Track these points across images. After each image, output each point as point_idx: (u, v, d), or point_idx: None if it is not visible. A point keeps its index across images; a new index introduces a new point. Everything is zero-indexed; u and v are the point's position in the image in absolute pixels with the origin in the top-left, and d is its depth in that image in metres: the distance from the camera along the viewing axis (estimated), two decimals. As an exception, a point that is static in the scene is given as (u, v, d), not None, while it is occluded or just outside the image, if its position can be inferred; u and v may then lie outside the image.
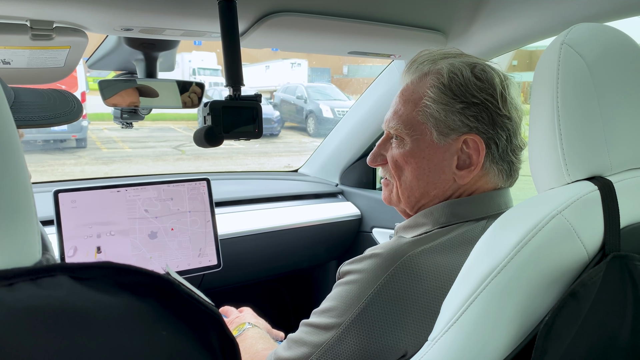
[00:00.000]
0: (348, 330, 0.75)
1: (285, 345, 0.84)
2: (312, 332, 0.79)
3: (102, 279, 0.32)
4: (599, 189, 0.59)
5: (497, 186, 0.86)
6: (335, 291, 0.80)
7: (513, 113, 0.84)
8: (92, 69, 1.35)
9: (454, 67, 0.84)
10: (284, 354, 0.82)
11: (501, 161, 0.85)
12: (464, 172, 0.83)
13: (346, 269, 0.81)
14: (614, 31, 0.65)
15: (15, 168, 0.32)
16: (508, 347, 0.55)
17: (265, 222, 1.71)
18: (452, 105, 0.82)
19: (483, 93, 0.82)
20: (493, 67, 0.86)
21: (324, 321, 0.78)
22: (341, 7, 1.10)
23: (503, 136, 0.83)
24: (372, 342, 0.74)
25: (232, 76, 0.93)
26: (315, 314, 0.82)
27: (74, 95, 0.88)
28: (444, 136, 0.83)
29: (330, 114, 11.72)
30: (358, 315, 0.75)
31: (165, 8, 0.97)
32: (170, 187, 1.42)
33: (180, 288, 0.34)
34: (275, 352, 0.84)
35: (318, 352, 0.77)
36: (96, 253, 1.30)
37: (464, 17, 1.26)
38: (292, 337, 0.83)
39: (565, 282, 0.56)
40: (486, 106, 0.82)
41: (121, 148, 10.18)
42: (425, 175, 0.86)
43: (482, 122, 0.82)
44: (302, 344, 0.79)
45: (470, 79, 0.82)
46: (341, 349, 0.75)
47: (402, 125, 0.87)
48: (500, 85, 0.83)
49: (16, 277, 0.29)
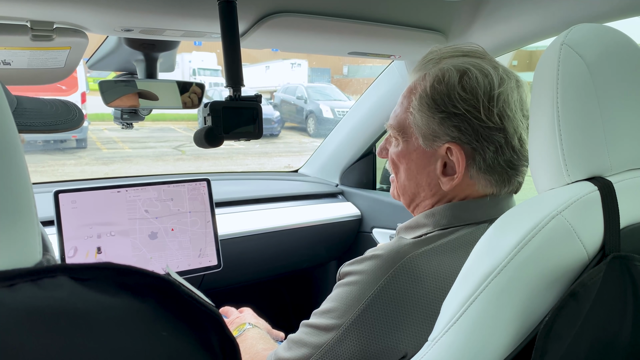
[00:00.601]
0: (348, 331, 0.75)
1: (285, 345, 0.84)
2: (312, 333, 0.79)
3: (103, 279, 0.32)
4: (599, 190, 0.59)
5: (490, 194, 0.84)
6: (336, 292, 0.80)
7: (507, 124, 0.80)
8: (93, 69, 1.36)
9: (444, 72, 0.81)
10: (284, 354, 0.82)
11: (491, 172, 0.82)
12: (446, 180, 0.83)
13: (346, 270, 0.81)
14: (614, 32, 0.65)
15: (15, 169, 0.32)
16: (508, 347, 0.55)
17: (266, 223, 1.71)
18: (433, 115, 0.81)
19: (464, 104, 0.79)
20: (488, 72, 0.81)
21: (324, 322, 0.78)
22: (341, 7, 1.11)
23: (490, 148, 0.80)
24: (372, 343, 0.74)
25: (232, 77, 0.93)
26: (315, 314, 0.82)
27: (76, 105, 0.88)
28: (429, 142, 0.83)
29: (330, 114, 11.73)
30: (358, 316, 0.75)
31: (165, 9, 0.97)
32: (171, 187, 1.42)
33: (181, 289, 0.34)
34: (276, 352, 0.84)
35: (318, 353, 0.77)
36: (96, 253, 1.30)
37: (463, 17, 1.26)
38: (292, 338, 0.83)
39: (565, 283, 0.56)
40: (467, 118, 0.79)
41: (121, 148, 10.19)
42: (414, 177, 0.87)
43: (464, 132, 0.80)
44: (303, 345, 0.79)
45: (455, 87, 0.80)
46: (341, 350, 0.75)
47: (395, 126, 0.88)
48: (486, 96, 0.79)
49: (17, 278, 0.29)
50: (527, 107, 0.83)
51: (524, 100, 0.83)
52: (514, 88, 0.82)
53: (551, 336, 0.53)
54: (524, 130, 0.82)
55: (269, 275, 1.94)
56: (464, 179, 0.82)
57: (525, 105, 0.83)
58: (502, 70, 0.83)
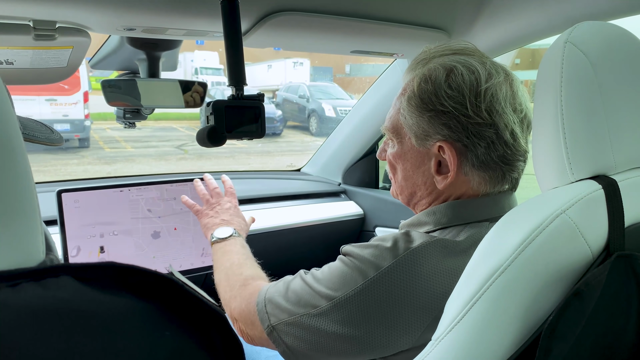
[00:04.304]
0: (337, 307, 0.76)
1: (282, 289, 0.84)
2: (308, 292, 0.80)
3: (106, 279, 0.32)
4: (603, 188, 0.59)
5: (485, 192, 0.84)
6: (336, 266, 0.81)
7: (497, 119, 0.79)
8: (95, 68, 1.36)
9: (431, 71, 0.82)
10: (279, 299, 0.82)
11: (484, 168, 0.81)
12: (441, 178, 0.83)
13: (349, 249, 0.81)
14: (618, 29, 0.65)
15: (18, 168, 0.32)
16: (512, 347, 0.55)
17: (268, 222, 1.71)
18: (422, 114, 0.82)
19: (451, 101, 0.79)
20: (475, 68, 0.80)
21: (320, 288, 0.79)
22: (344, 6, 1.10)
23: (481, 144, 0.79)
24: (355, 327, 0.75)
25: (234, 75, 0.93)
26: (314, 278, 0.82)
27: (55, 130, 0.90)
28: (421, 141, 0.83)
29: (332, 113, 11.73)
30: (350, 297, 0.76)
31: (167, 8, 0.97)
32: (173, 186, 1.42)
33: (184, 288, 0.34)
34: (269, 291, 0.85)
35: (308, 313, 0.78)
36: (99, 253, 1.30)
37: (466, 16, 1.26)
38: (291, 287, 0.83)
39: (569, 282, 0.56)
40: (455, 115, 0.79)
41: (124, 148, 10.21)
42: (410, 176, 0.88)
43: (454, 130, 0.80)
44: (297, 299, 0.80)
45: (442, 85, 0.80)
46: (328, 320, 0.76)
47: (390, 128, 0.89)
48: (472, 92, 0.78)
49: (20, 278, 0.29)
50: (520, 101, 0.82)
51: (515, 94, 0.82)
52: (502, 82, 0.81)
53: (555, 335, 0.53)
54: (516, 125, 0.81)
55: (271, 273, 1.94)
56: (458, 177, 0.82)
57: (517, 99, 0.82)
58: (491, 65, 0.82)
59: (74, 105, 9.08)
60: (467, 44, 0.87)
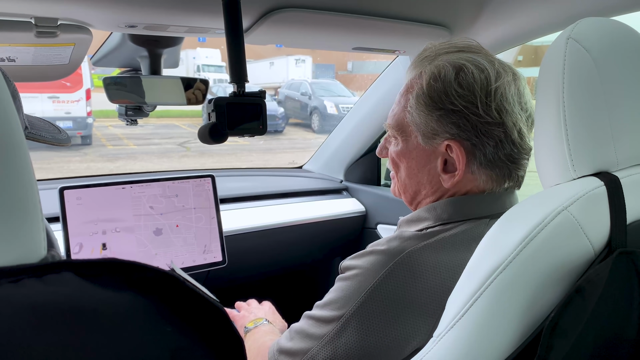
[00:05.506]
0: (347, 323, 0.76)
1: (287, 335, 0.84)
2: (314, 324, 0.80)
3: (108, 275, 0.32)
4: (605, 185, 0.59)
5: (490, 190, 0.83)
6: (336, 285, 0.81)
7: (506, 118, 0.79)
8: (97, 66, 1.36)
9: (439, 69, 0.81)
10: (286, 344, 0.82)
11: (492, 166, 0.81)
12: (447, 177, 0.83)
13: (347, 264, 0.82)
14: (621, 25, 0.64)
15: (20, 165, 0.32)
16: (514, 343, 0.55)
17: (270, 219, 1.71)
18: (431, 113, 0.81)
19: (461, 100, 0.78)
20: (485, 66, 0.80)
21: (325, 314, 0.79)
22: (345, 2, 1.10)
23: (490, 143, 0.79)
24: (370, 336, 0.75)
25: (236, 73, 0.93)
26: (317, 306, 0.82)
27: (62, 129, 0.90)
28: (429, 139, 0.83)
29: (334, 110, 11.73)
30: (357, 309, 0.76)
31: (169, 5, 0.97)
32: (175, 183, 1.42)
33: (185, 284, 0.34)
34: (278, 342, 0.85)
35: (319, 344, 0.78)
36: (101, 250, 1.31)
37: (468, 12, 1.25)
38: (294, 328, 0.84)
39: (571, 278, 0.56)
40: (465, 114, 0.79)
41: (126, 145, 10.22)
42: (415, 175, 0.87)
43: (463, 129, 0.79)
44: (305, 336, 0.80)
45: (452, 84, 0.79)
46: (341, 341, 0.76)
47: (394, 125, 0.88)
48: (483, 91, 0.78)
49: (22, 274, 0.29)
50: (525, 100, 0.83)
51: (521, 93, 0.82)
52: (510, 82, 0.81)
53: (557, 332, 0.53)
54: (523, 124, 0.81)
55: (273, 271, 1.94)
56: (465, 175, 0.82)
57: (523, 98, 0.82)
58: (499, 64, 0.82)
59: (76, 103, 9.11)
60: (471, 41, 0.87)
